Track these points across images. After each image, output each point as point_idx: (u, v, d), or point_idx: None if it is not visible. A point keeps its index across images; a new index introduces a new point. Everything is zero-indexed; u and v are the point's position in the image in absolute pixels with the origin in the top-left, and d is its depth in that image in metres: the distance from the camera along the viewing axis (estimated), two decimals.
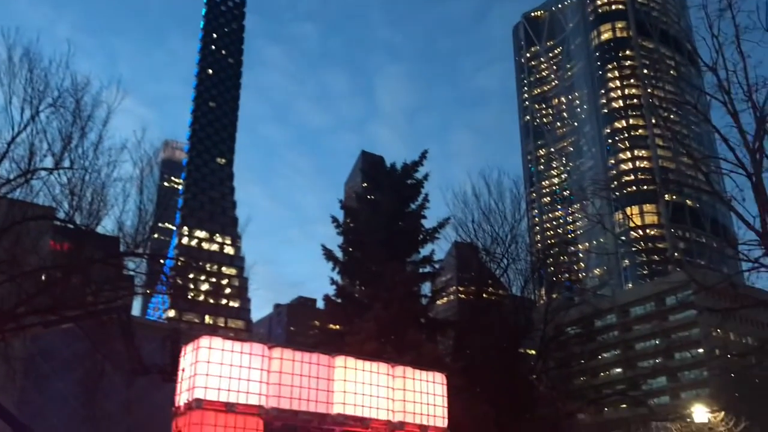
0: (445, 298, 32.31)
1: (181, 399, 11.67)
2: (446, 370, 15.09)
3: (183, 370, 11.94)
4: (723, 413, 23.10)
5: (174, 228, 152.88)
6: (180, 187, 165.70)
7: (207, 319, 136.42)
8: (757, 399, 28.24)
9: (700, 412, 22.48)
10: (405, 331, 18.80)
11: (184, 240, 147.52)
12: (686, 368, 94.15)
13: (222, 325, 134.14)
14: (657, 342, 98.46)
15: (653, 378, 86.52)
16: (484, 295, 31.23)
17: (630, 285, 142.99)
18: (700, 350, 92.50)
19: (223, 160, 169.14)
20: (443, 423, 13.92)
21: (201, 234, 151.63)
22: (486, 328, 26.54)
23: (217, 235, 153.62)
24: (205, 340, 11.74)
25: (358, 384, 13.13)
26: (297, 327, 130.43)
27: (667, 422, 28.70)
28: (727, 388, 34.62)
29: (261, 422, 11.66)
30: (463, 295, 42.11)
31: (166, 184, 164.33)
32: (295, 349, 12.95)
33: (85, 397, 41.24)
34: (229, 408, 11.31)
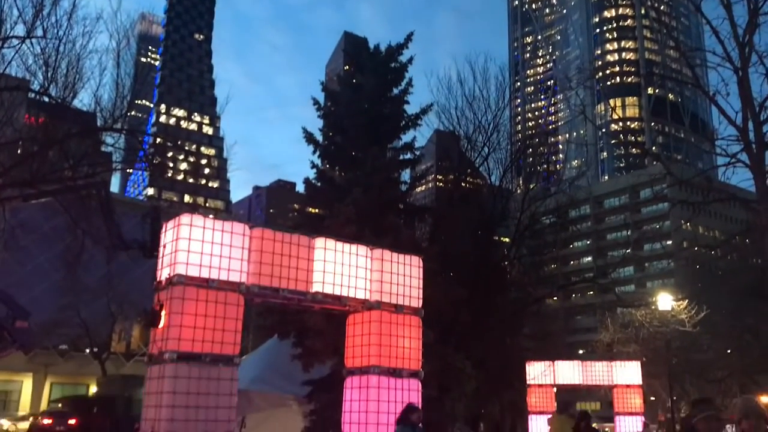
0: (424, 186, 32.49)
1: (163, 274, 11.88)
2: (423, 254, 15.47)
3: (164, 246, 12.08)
4: (686, 302, 24.16)
5: (151, 105, 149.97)
6: (157, 63, 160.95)
7: (186, 198, 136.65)
8: (718, 289, 29.47)
9: (665, 300, 23.46)
10: (384, 216, 19.03)
11: (162, 118, 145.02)
12: (654, 259, 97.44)
13: (201, 204, 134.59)
14: (628, 233, 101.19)
15: (622, 267, 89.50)
16: (463, 184, 31.55)
17: (606, 177, 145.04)
18: (669, 242, 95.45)
19: (201, 36, 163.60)
20: (418, 303, 14.42)
21: (179, 112, 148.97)
22: (463, 215, 27.00)
23: (196, 114, 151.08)
24: (186, 218, 11.81)
25: (337, 265, 13.44)
26: (276, 209, 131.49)
27: (632, 309, 29.97)
28: (692, 279, 36.02)
29: (242, 298, 11.97)
30: (441, 183, 42.49)
31: (143, 59, 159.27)
32: (276, 230, 13.13)
33: (66, 270, 41.96)
34: (210, 284, 11.56)
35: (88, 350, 50.92)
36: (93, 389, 48.98)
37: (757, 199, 15.25)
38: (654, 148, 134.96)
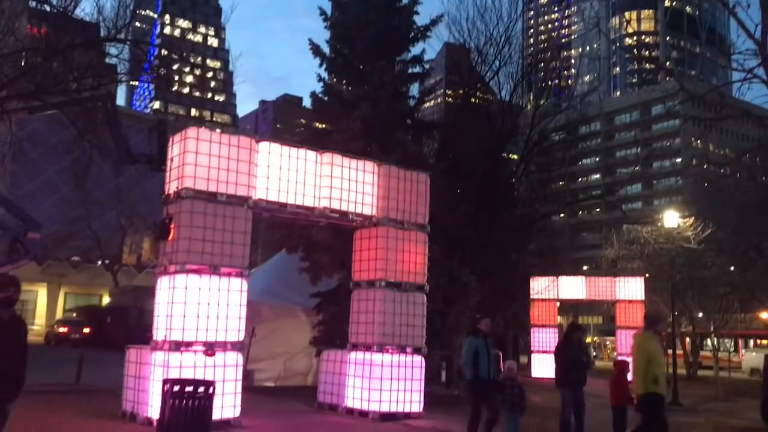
0: (433, 101, 32.05)
1: (170, 188, 11.93)
2: (430, 171, 15.44)
3: (171, 159, 12.07)
4: (692, 219, 24.21)
5: (155, 16, 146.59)
6: None
7: (193, 112, 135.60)
8: (725, 207, 29.48)
9: (671, 218, 23.48)
10: (391, 131, 18.85)
11: (167, 29, 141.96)
12: (663, 177, 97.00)
13: (208, 118, 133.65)
14: (638, 150, 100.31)
15: (630, 185, 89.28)
16: (472, 99, 31.06)
17: (618, 93, 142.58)
18: (678, 160, 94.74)
19: None
20: (424, 219, 14.52)
21: (183, 23, 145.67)
22: (472, 131, 26.73)
23: (200, 25, 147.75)
24: (192, 131, 11.75)
25: (344, 180, 13.46)
26: (283, 124, 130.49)
27: (638, 226, 30.11)
28: (699, 197, 35.98)
29: (249, 212, 12.06)
30: (450, 98, 41.86)
31: None
32: (283, 143, 13.08)
33: (75, 183, 42.23)
34: (217, 197, 11.62)
35: (99, 262, 51.86)
36: (106, 300, 50.22)
37: None
38: (668, 63, 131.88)
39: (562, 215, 41.72)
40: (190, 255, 11.22)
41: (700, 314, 33.51)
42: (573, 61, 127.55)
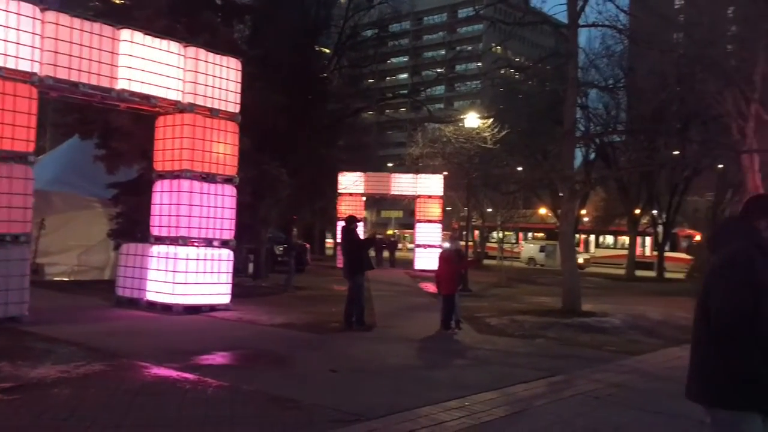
0: None
1: None
2: (242, 57, 14.67)
3: None
4: (490, 121, 25.71)
5: None
6: None
7: None
8: (519, 112, 31.59)
9: (472, 119, 24.79)
10: (199, 11, 17.51)
11: None
12: (465, 80, 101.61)
13: None
14: (444, 53, 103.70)
15: (435, 86, 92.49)
16: None
17: None
18: (479, 64, 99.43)
19: None
20: (235, 108, 13.90)
21: None
22: (285, 19, 25.75)
23: None
24: None
25: (146, 61, 12.36)
26: None
27: (442, 125, 31.47)
28: (497, 101, 38.18)
29: (34, 90, 10.72)
30: None
31: None
32: (74, 15, 11.59)
33: None
34: None
35: None
36: None
37: (567, 24, 16.04)
38: None
39: (371, 113, 42.34)
40: None
41: (489, 210, 36.50)
42: None
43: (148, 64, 12.34)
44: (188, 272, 12.88)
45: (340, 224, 28.51)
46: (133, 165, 17.16)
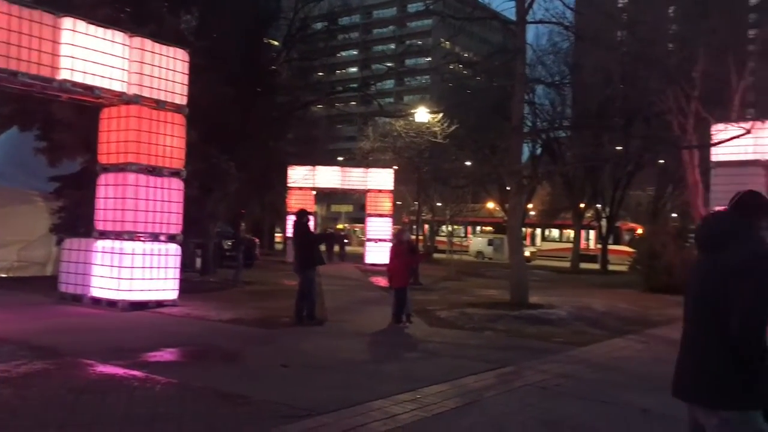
0: None
1: None
2: (189, 48, 14.39)
3: None
4: (440, 116, 25.89)
5: None
6: None
7: None
8: (468, 107, 31.88)
9: (422, 114, 24.96)
10: (144, 0, 17.14)
11: None
12: (415, 74, 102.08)
13: None
14: (394, 47, 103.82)
15: (384, 80, 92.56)
16: None
17: None
18: (429, 59, 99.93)
19: None
20: (182, 100, 13.64)
21: None
22: (233, 9, 25.34)
23: None
24: None
25: (90, 51, 12.01)
26: None
27: (393, 119, 31.56)
28: (446, 95, 38.45)
29: None
30: None
31: None
32: (12, 2, 11.17)
33: None
34: None
35: None
36: None
37: (516, 20, 16.24)
38: None
39: (320, 106, 42.11)
40: None
41: (439, 204, 36.79)
42: None
43: (91, 54, 12.00)
44: (134, 267, 12.61)
45: (291, 218, 28.31)
46: (77, 158, 16.70)
